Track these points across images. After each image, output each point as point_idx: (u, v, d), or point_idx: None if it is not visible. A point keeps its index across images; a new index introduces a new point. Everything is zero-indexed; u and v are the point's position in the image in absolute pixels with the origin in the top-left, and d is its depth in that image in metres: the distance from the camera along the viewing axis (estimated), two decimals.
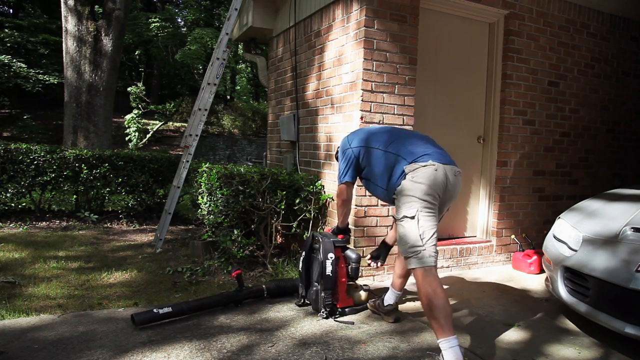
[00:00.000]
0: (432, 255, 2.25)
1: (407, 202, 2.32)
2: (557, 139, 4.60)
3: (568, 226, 2.98)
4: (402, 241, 2.33)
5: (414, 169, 2.35)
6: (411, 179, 2.33)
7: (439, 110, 4.22)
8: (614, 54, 4.89)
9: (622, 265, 2.39)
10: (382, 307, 2.92)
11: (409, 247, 2.28)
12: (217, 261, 3.99)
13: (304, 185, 3.92)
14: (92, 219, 5.83)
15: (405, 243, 2.30)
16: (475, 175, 4.46)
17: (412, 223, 2.28)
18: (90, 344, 2.40)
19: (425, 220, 2.28)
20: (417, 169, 2.34)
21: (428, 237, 2.26)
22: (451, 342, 2.09)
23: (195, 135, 4.78)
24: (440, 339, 2.13)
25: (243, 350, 2.40)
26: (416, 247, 2.25)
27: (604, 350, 2.54)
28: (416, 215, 2.28)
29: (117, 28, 9.15)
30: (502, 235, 4.36)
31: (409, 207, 2.31)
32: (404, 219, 2.31)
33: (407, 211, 2.30)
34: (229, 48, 4.91)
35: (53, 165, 5.55)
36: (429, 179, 2.31)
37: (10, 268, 3.82)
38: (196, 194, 4.36)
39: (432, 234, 2.28)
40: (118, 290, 3.43)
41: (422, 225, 2.27)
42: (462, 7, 4.08)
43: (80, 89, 8.96)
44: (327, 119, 4.11)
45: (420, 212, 2.28)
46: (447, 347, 2.09)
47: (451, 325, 2.14)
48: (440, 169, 2.35)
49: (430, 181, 2.31)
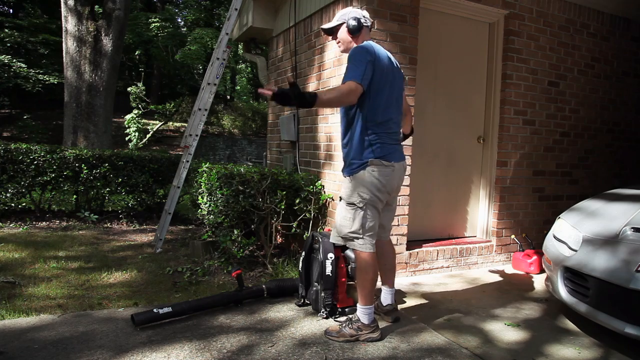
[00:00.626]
0: (369, 243, 2.53)
1: (360, 192, 2.49)
2: (557, 139, 4.60)
3: (568, 226, 2.98)
4: (342, 223, 2.57)
5: (377, 165, 2.49)
6: (371, 171, 2.49)
7: (439, 110, 4.22)
8: (614, 54, 4.89)
9: (622, 265, 2.39)
10: (382, 307, 2.92)
11: (347, 231, 2.54)
12: (217, 261, 3.99)
13: (304, 185, 3.92)
14: (92, 219, 5.83)
15: (344, 226, 2.55)
16: (475, 175, 4.46)
17: (357, 212, 2.50)
18: (90, 344, 2.40)
19: (371, 214, 2.51)
20: (380, 166, 2.49)
21: (368, 228, 2.52)
22: (371, 308, 2.58)
23: (195, 135, 4.78)
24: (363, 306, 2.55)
25: (243, 350, 2.40)
26: (355, 234, 2.52)
27: (604, 350, 2.54)
28: (364, 207, 2.49)
29: (117, 28, 9.15)
30: (502, 235, 4.36)
31: (359, 197, 2.49)
32: (352, 205, 2.51)
33: (357, 200, 2.50)
34: (229, 48, 4.91)
35: (53, 165, 5.55)
36: (386, 178, 2.51)
37: (10, 268, 3.82)
38: (196, 194, 4.36)
39: (375, 223, 2.55)
40: (118, 290, 3.43)
41: (367, 217, 2.50)
42: (462, 7, 4.08)
43: (80, 89, 8.96)
44: (327, 119, 4.11)
45: (369, 205, 2.50)
46: (368, 313, 2.56)
47: (372, 297, 2.59)
48: (399, 168, 2.58)
49: (387, 181, 2.51)
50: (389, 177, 2.51)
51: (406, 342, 2.56)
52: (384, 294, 2.94)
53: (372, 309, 2.60)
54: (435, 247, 4.00)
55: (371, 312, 2.59)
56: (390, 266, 2.90)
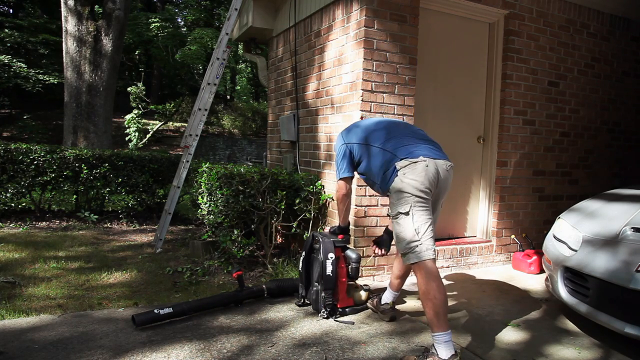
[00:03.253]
0: (429, 248, 2.29)
1: (400, 198, 2.36)
2: (557, 139, 4.60)
3: (568, 226, 2.98)
4: (399, 238, 2.38)
5: (405, 166, 2.38)
6: (402, 175, 2.37)
7: (439, 110, 4.22)
8: (614, 54, 4.89)
9: (622, 265, 2.39)
10: (379, 306, 2.94)
11: (406, 244, 2.32)
12: (217, 261, 3.99)
13: (304, 185, 3.92)
14: (92, 219, 5.83)
15: (402, 240, 2.35)
16: (475, 175, 4.46)
17: (406, 219, 2.32)
18: (90, 344, 2.40)
19: (419, 215, 2.32)
20: (408, 165, 2.38)
21: (424, 231, 2.30)
22: (446, 336, 2.15)
23: (195, 135, 4.78)
24: (435, 333, 2.17)
25: (243, 350, 2.40)
26: (413, 242, 2.29)
27: (604, 350, 2.54)
28: (410, 211, 2.32)
29: (117, 28, 9.15)
30: (502, 235, 4.36)
31: (402, 203, 2.35)
32: (399, 215, 2.36)
33: (401, 207, 2.35)
34: (229, 48, 4.91)
35: (53, 165, 5.55)
36: (420, 174, 2.35)
37: (10, 268, 3.82)
38: (196, 194, 4.37)
39: (428, 227, 2.32)
40: (118, 290, 3.43)
41: (417, 220, 2.31)
42: (462, 7, 4.08)
43: (80, 89, 8.96)
44: (327, 119, 4.11)
45: (414, 207, 2.32)
46: (442, 342, 2.14)
47: (447, 320, 2.18)
48: (431, 164, 2.39)
49: (421, 177, 2.34)
50: (423, 172, 2.35)
51: (406, 342, 2.56)
52: (386, 294, 2.96)
53: (449, 335, 2.16)
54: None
55: (448, 339, 2.15)
56: (404, 273, 2.88)
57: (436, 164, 2.41)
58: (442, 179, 2.44)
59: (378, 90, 3.61)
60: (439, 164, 2.42)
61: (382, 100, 3.63)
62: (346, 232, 3.00)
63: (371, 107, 3.60)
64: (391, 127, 2.68)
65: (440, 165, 2.43)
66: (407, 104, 3.75)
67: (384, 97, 3.64)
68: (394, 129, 2.65)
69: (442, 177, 2.43)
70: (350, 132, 2.76)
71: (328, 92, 4.09)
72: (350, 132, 2.76)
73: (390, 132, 2.61)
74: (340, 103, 3.88)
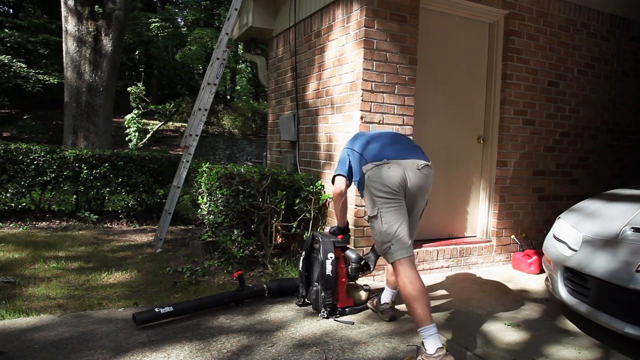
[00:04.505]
0: (403, 247, 2.34)
1: (368, 202, 2.48)
2: (557, 139, 4.60)
3: (568, 226, 2.98)
4: (375, 240, 2.49)
5: (370, 169, 2.48)
6: (368, 178, 2.48)
7: (439, 110, 4.22)
8: (614, 54, 4.89)
9: (622, 265, 2.39)
10: (379, 306, 2.94)
11: (381, 245, 2.41)
12: (217, 261, 3.99)
13: (304, 185, 3.91)
14: (92, 219, 5.83)
15: (377, 242, 2.46)
16: (475, 175, 4.46)
17: (376, 222, 2.41)
18: (90, 344, 2.40)
19: (388, 216, 2.38)
20: (372, 169, 2.47)
21: (394, 231, 2.35)
22: (430, 330, 2.18)
23: (195, 135, 4.78)
24: (420, 328, 2.21)
25: (243, 350, 2.40)
26: (385, 243, 2.37)
27: (604, 350, 2.54)
28: (378, 214, 2.40)
29: (117, 28, 9.15)
30: (502, 235, 4.36)
31: (370, 206, 2.46)
32: (370, 219, 2.47)
33: (370, 211, 2.46)
34: (229, 48, 4.91)
35: (53, 165, 5.55)
36: (381, 176, 2.42)
37: (10, 268, 3.82)
38: (196, 194, 4.37)
39: (398, 227, 2.36)
40: (118, 290, 3.43)
41: (386, 221, 2.38)
42: (462, 7, 4.08)
43: (80, 89, 8.96)
44: (327, 119, 4.11)
45: (381, 209, 2.39)
46: (427, 336, 2.18)
47: (429, 313, 2.21)
48: (394, 165, 2.44)
49: (382, 179, 2.41)
50: (385, 174, 2.41)
51: (406, 343, 2.56)
52: (385, 293, 2.96)
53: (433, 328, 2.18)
54: (435, 247, 4.00)
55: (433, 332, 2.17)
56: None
57: (401, 164, 2.45)
58: (414, 178, 2.45)
59: (378, 90, 3.61)
60: (406, 164, 2.45)
61: (382, 100, 3.63)
62: (346, 233, 3.00)
63: (371, 107, 3.60)
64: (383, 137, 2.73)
65: (408, 165, 2.46)
66: (407, 104, 3.75)
67: (384, 97, 3.64)
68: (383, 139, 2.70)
69: (412, 176, 2.44)
70: (354, 139, 2.82)
71: (328, 92, 4.09)
72: (355, 139, 2.82)
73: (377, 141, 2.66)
74: (340, 103, 3.88)
